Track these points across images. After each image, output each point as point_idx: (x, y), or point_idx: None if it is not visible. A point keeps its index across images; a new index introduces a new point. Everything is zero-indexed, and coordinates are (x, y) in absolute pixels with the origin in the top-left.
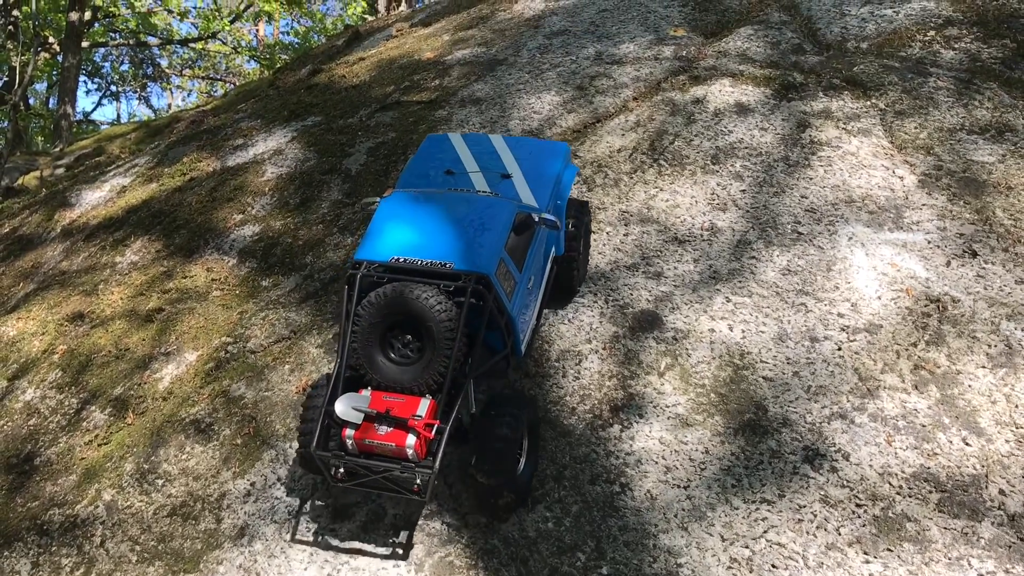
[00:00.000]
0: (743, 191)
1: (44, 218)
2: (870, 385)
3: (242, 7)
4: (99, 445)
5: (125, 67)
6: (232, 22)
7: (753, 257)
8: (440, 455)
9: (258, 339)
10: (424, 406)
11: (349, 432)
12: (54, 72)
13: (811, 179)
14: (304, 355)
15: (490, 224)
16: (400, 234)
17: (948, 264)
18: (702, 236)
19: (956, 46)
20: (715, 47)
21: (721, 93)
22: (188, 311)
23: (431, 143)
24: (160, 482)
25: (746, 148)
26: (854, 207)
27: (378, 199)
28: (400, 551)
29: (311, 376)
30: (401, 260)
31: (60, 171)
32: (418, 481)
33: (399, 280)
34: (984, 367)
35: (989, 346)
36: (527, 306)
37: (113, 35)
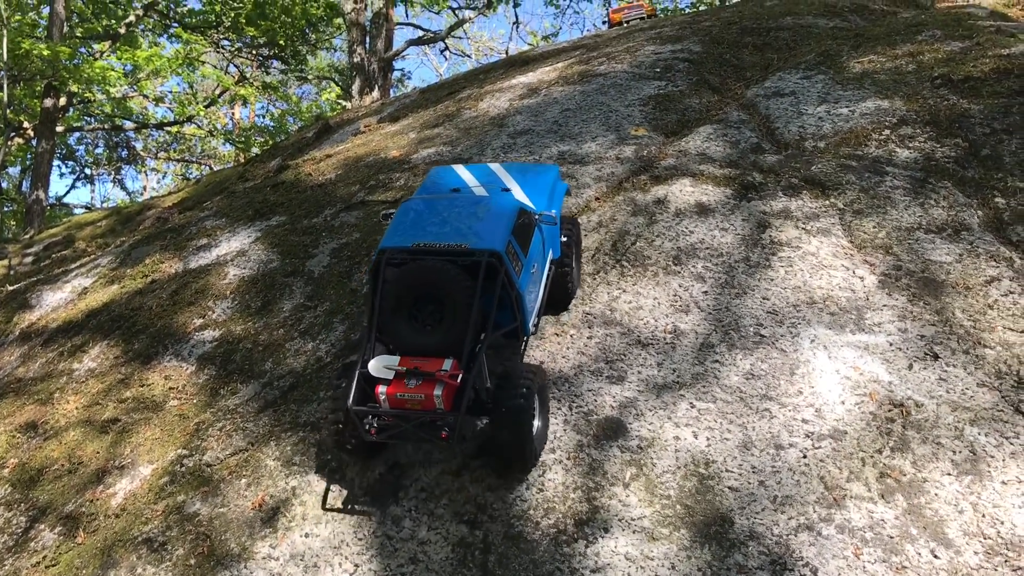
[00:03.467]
0: (705, 292)
1: (3, 320)
2: (836, 495)
3: (218, 92)
4: (47, 567)
5: (100, 150)
6: (207, 107)
7: (716, 361)
8: (464, 403)
9: (214, 451)
10: (448, 363)
11: (382, 389)
12: (28, 156)
13: (772, 280)
14: (261, 468)
15: (498, 214)
16: (420, 225)
17: (910, 367)
18: (665, 339)
19: (911, 145)
20: (676, 146)
21: (682, 193)
22: (144, 421)
23: (436, 173)
24: None
25: (707, 249)
26: (815, 308)
27: (394, 210)
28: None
29: (268, 491)
30: (422, 244)
31: (28, 259)
32: (446, 429)
33: (421, 259)
34: (950, 474)
35: (954, 452)
36: (532, 291)
37: (88, 119)
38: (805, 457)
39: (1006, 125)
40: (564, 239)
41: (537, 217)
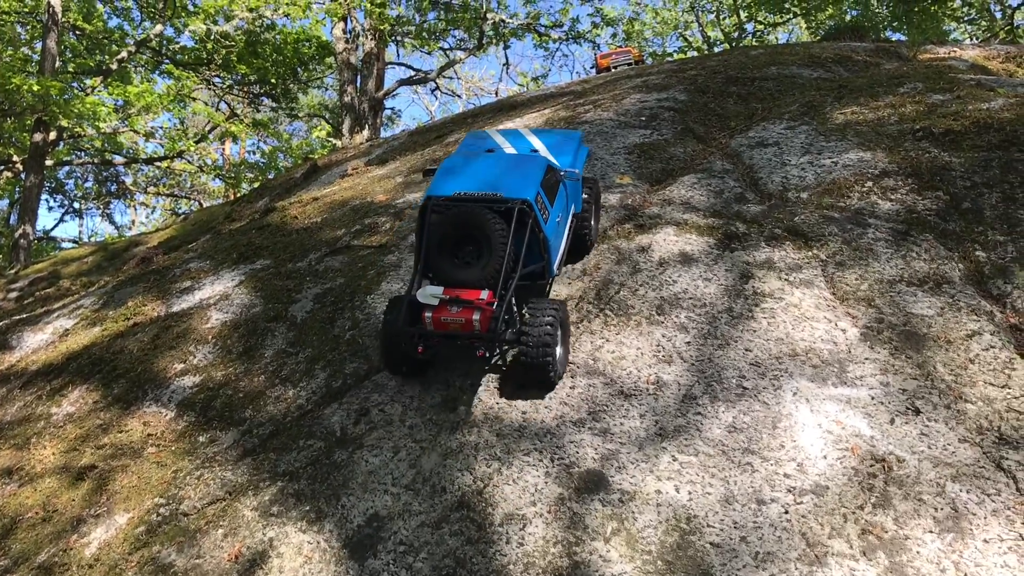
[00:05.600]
0: (688, 343)
1: None
2: (818, 551)
3: (208, 128)
4: None
5: (89, 184)
6: (198, 142)
7: (699, 413)
8: (499, 326)
9: (192, 500)
10: (484, 293)
11: (428, 314)
12: (16, 190)
13: (755, 331)
14: (238, 518)
15: (528, 168)
16: (461, 177)
17: (892, 422)
18: (648, 390)
19: (893, 197)
20: (660, 195)
21: (666, 242)
22: (122, 468)
23: (472, 136)
24: None
25: (691, 299)
26: (798, 361)
27: (436, 167)
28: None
29: (245, 542)
30: (462, 193)
31: (13, 295)
32: (483, 347)
33: (462, 205)
34: (931, 532)
35: (936, 509)
36: (557, 237)
37: (78, 153)
38: (787, 513)
39: (986, 179)
40: (585, 195)
41: (563, 174)
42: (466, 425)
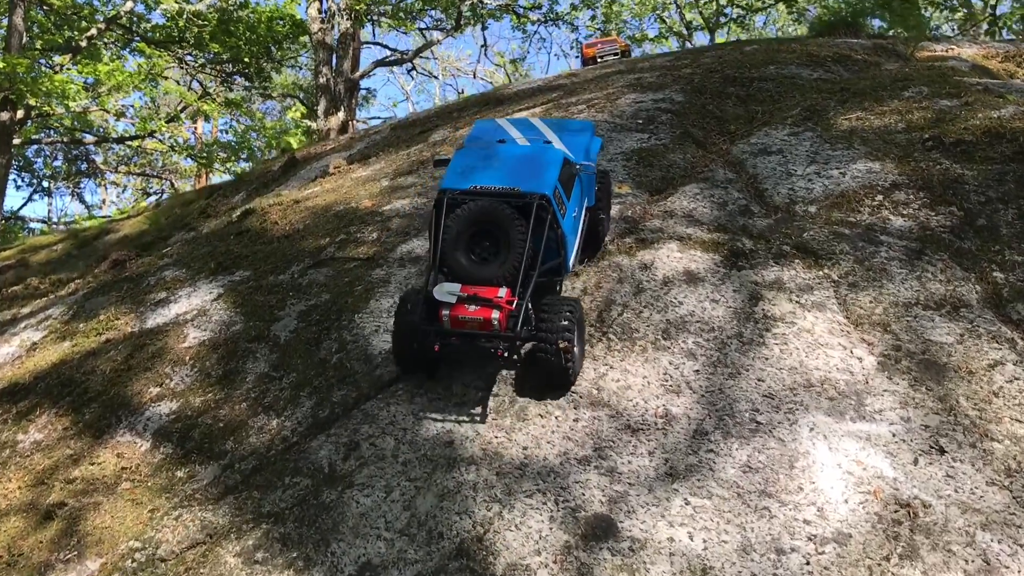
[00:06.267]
0: (697, 372)
1: None
2: None
3: (180, 108)
4: None
5: (59, 163)
6: (169, 122)
7: (711, 451)
8: (519, 324)
9: (169, 544)
10: (503, 291)
11: (445, 312)
12: None
13: (767, 359)
14: (220, 565)
15: (545, 162)
16: (475, 170)
17: (916, 462)
18: (656, 424)
19: (904, 212)
20: (661, 206)
21: (669, 259)
22: (94, 507)
23: (480, 125)
24: None
25: (698, 322)
26: (813, 392)
27: (449, 157)
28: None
29: None
30: (478, 187)
31: None
32: (502, 347)
33: (478, 200)
34: None
35: (966, 561)
36: (573, 232)
37: (47, 132)
38: (808, 564)
39: (1001, 193)
40: (598, 188)
41: (579, 167)
42: (463, 462)
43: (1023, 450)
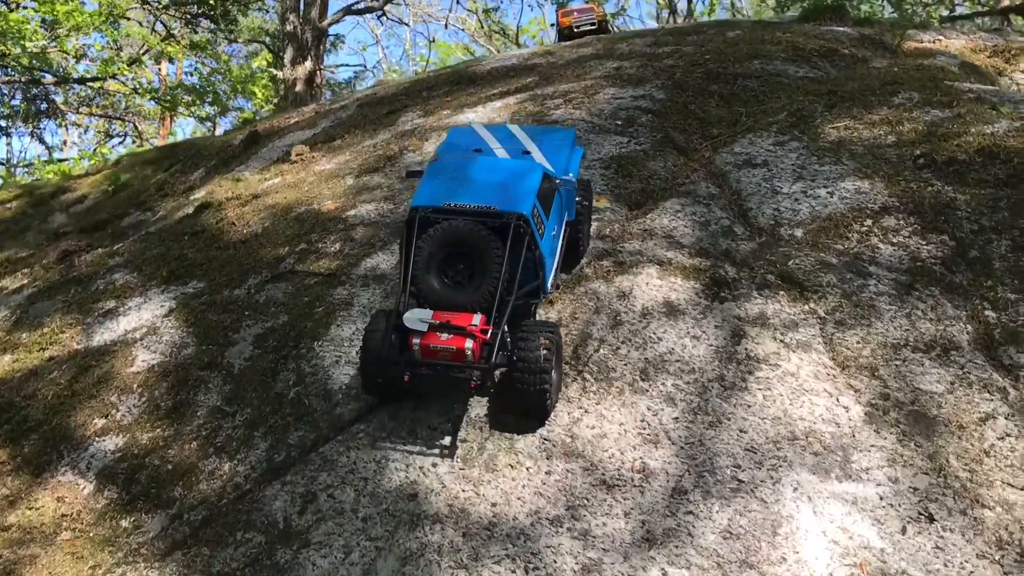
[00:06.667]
0: (676, 419)
1: None
2: None
3: (143, 51)
4: None
5: (17, 102)
6: (131, 64)
7: (690, 512)
8: (494, 355)
9: None
10: (477, 318)
11: (416, 340)
12: None
13: (750, 407)
14: None
15: (523, 178)
16: (450, 185)
17: (904, 531)
18: (633, 480)
19: (894, 240)
20: (640, 223)
21: (649, 287)
22: (30, 560)
23: (456, 133)
24: None
25: (678, 361)
26: (797, 447)
27: (422, 169)
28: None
29: None
30: (453, 205)
31: None
32: (475, 378)
33: (452, 219)
34: None
35: None
36: (552, 251)
37: (4, 70)
38: None
39: (994, 222)
40: (579, 199)
41: (558, 182)
42: (428, 519)
43: (1014, 519)
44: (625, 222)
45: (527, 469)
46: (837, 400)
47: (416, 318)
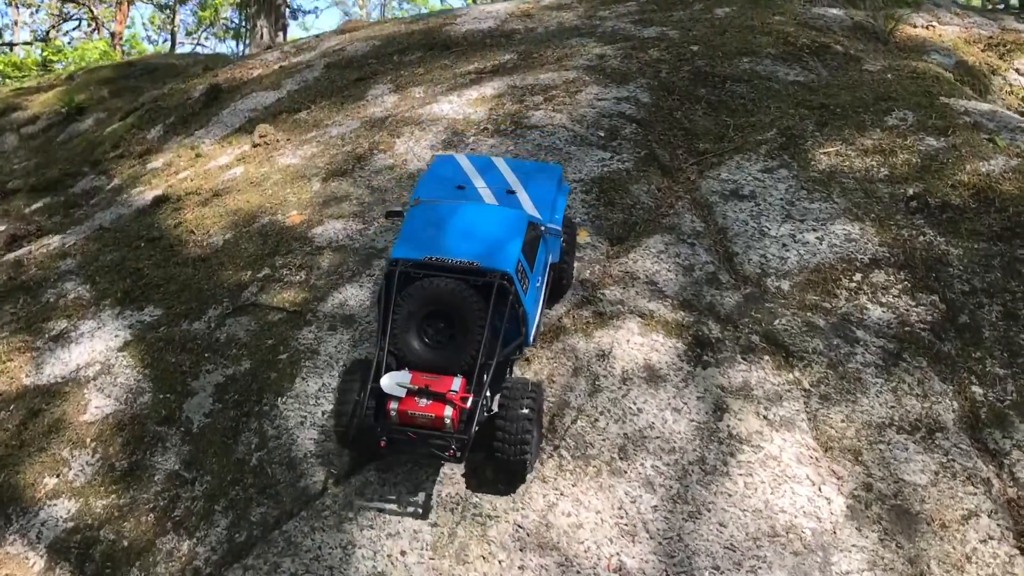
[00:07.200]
0: (655, 508)
1: None
2: None
3: None
4: None
5: None
6: None
7: None
8: (474, 424)
9: None
10: (457, 383)
11: (393, 405)
12: None
13: (731, 496)
14: None
15: (508, 229)
16: (431, 237)
17: None
18: None
19: (884, 300)
20: (622, 264)
21: (630, 345)
22: None
23: (440, 163)
24: None
25: (658, 438)
26: (778, 545)
27: (403, 210)
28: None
29: None
30: (434, 259)
31: None
32: (454, 447)
33: (433, 276)
34: None
35: None
36: (536, 303)
37: None
38: None
39: (986, 284)
40: (564, 238)
41: (543, 229)
42: None
43: None
44: (606, 261)
45: (499, 562)
46: (819, 489)
47: (394, 383)
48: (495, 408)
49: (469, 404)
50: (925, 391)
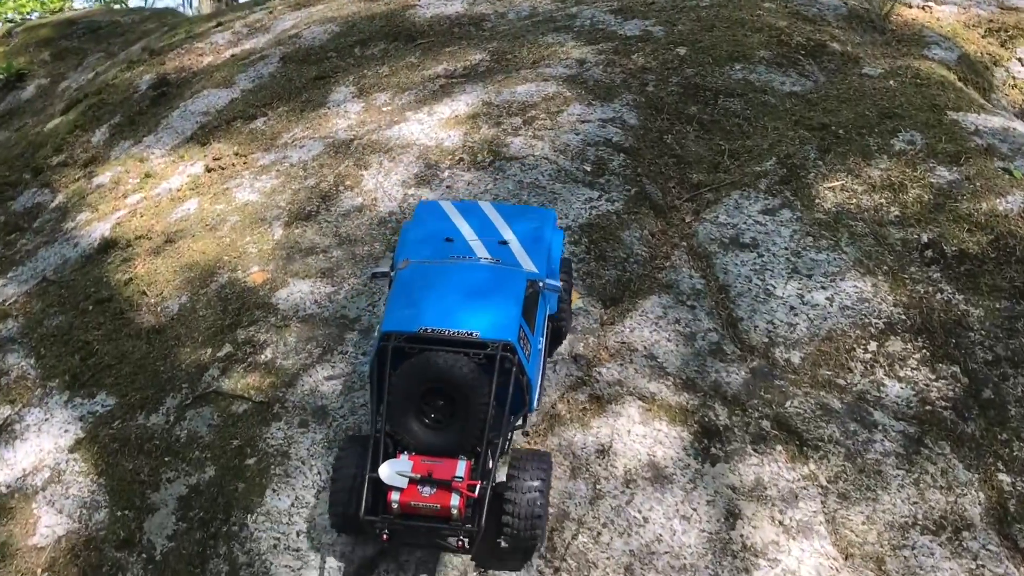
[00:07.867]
0: None
1: None
2: None
3: None
4: None
5: None
6: None
7: None
8: (483, 512)
9: None
10: (462, 467)
11: (394, 496)
12: None
13: None
14: None
15: (506, 293)
16: (423, 305)
17: None
18: None
19: (902, 373)
20: (618, 333)
21: (631, 437)
22: None
23: (425, 210)
24: None
25: (667, 553)
26: None
27: (390, 271)
28: None
29: None
30: (429, 331)
31: None
32: (462, 538)
33: (429, 350)
34: None
35: None
36: (538, 366)
37: None
38: None
39: (1010, 351)
40: (562, 283)
41: (542, 285)
42: None
43: None
44: (601, 329)
45: None
46: None
47: (394, 472)
48: (499, 478)
49: (477, 492)
50: (949, 482)
